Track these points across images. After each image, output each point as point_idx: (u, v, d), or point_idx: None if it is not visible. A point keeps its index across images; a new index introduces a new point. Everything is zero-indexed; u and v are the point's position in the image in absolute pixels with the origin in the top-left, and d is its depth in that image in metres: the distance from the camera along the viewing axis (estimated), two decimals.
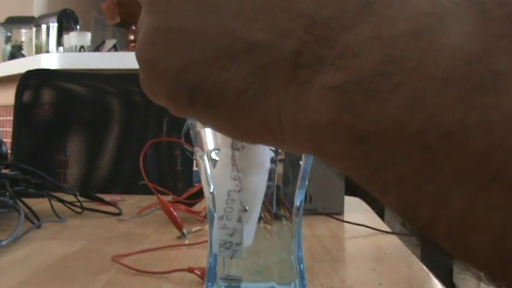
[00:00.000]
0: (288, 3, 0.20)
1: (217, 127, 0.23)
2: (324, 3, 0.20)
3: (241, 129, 0.22)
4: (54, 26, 2.73)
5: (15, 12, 2.98)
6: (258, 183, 0.35)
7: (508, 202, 0.15)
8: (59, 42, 2.70)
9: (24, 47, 2.92)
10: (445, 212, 0.17)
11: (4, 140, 0.95)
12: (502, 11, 0.18)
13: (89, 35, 2.57)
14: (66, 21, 2.72)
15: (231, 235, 0.35)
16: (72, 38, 2.53)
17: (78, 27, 2.76)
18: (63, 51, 2.59)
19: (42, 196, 0.81)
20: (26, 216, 0.68)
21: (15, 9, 3.01)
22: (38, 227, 0.69)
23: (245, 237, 0.35)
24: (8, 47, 2.96)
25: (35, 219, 0.70)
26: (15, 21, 2.93)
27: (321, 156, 0.21)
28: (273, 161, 0.35)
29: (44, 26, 2.77)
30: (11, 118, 1.37)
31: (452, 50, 0.17)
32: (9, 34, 2.97)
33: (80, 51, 2.47)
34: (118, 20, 2.07)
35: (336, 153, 0.20)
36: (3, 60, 2.85)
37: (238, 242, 0.35)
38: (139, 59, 0.23)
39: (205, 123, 0.23)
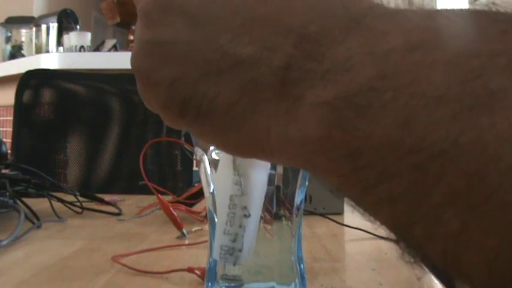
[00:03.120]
0: (276, 17, 0.20)
1: (207, 140, 0.23)
2: (313, 18, 0.20)
3: (230, 143, 0.22)
4: (54, 26, 2.73)
5: (15, 12, 2.98)
6: (260, 186, 0.35)
7: (503, 223, 0.15)
8: (59, 42, 2.70)
9: (24, 47, 2.92)
10: (438, 231, 0.16)
11: (4, 140, 0.95)
12: (498, 27, 0.17)
13: (89, 35, 2.57)
14: (66, 21, 2.72)
15: (234, 241, 0.35)
16: (72, 38, 2.53)
17: (78, 27, 2.76)
18: (63, 51, 2.59)
19: (42, 196, 0.81)
20: (26, 216, 0.68)
21: (15, 9, 3.01)
22: (38, 227, 0.69)
23: (246, 242, 0.35)
24: (8, 47, 2.96)
25: (35, 219, 0.70)
26: (15, 21, 2.93)
27: (311, 171, 0.21)
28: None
29: (44, 26, 2.77)
30: (11, 118, 1.37)
31: (446, 66, 0.17)
32: (9, 34, 2.97)
33: (80, 51, 2.47)
34: (118, 20, 2.07)
35: (326, 169, 0.19)
36: (3, 60, 2.85)
37: (240, 248, 0.35)
38: (134, 69, 0.23)
39: (196, 136, 0.23)
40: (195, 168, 1.32)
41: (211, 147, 0.36)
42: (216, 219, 0.37)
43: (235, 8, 0.20)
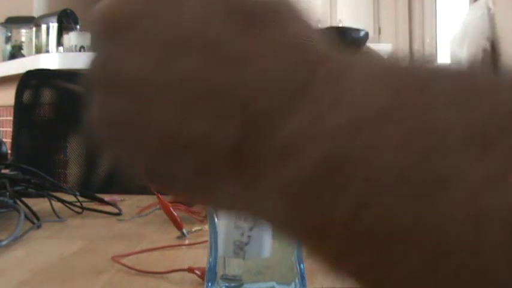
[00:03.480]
0: (225, 92, 0.18)
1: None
2: (261, 90, 0.18)
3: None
4: (54, 26, 2.73)
5: (15, 12, 2.98)
6: None
7: None
8: (59, 42, 2.70)
9: (24, 47, 2.91)
10: None
11: (4, 140, 0.95)
12: (454, 94, 0.17)
13: (89, 35, 2.57)
14: (66, 21, 2.72)
15: (242, 234, 0.35)
16: (72, 38, 2.53)
17: (78, 27, 2.76)
18: (63, 51, 2.59)
19: (42, 196, 0.81)
20: (26, 216, 0.68)
21: (15, 9, 3.01)
22: (38, 227, 0.69)
23: (260, 235, 0.36)
24: (8, 47, 2.96)
25: (35, 219, 0.70)
26: (15, 21, 2.93)
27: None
28: None
29: (44, 26, 2.77)
30: (11, 118, 1.37)
31: (396, 148, 0.16)
32: (9, 34, 2.97)
33: (80, 51, 2.47)
34: None
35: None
36: (3, 60, 2.85)
37: (247, 242, 0.35)
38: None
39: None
40: None
41: None
42: (216, 219, 0.37)
43: (182, 84, 0.19)
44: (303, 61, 0.19)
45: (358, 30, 0.42)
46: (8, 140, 1.27)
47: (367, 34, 0.42)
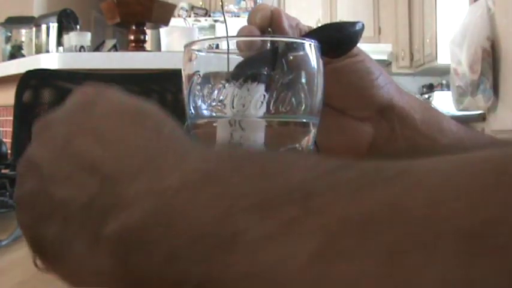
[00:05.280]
0: (92, 161, 0.23)
1: (59, 278, 0.25)
2: (117, 161, 0.23)
3: (66, 279, 0.24)
4: (54, 26, 2.73)
5: (15, 12, 2.98)
6: None
7: None
8: (59, 42, 2.70)
9: (24, 47, 2.92)
10: None
11: (4, 140, 0.95)
12: (254, 169, 0.21)
13: (88, 35, 2.57)
14: (66, 21, 2.72)
15: None
16: (72, 38, 2.53)
17: (78, 27, 2.76)
18: (63, 51, 2.59)
19: None
20: None
21: (15, 9, 3.01)
22: None
23: None
24: (8, 47, 2.96)
25: None
26: (15, 21, 2.93)
27: None
28: None
29: (44, 26, 2.77)
30: (11, 118, 1.37)
31: (203, 206, 0.20)
32: (9, 34, 2.97)
33: (80, 51, 2.47)
34: (118, 20, 2.07)
35: None
36: (3, 60, 2.85)
37: None
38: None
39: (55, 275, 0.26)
40: None
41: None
42: None
43: (67, 159, 0.24)
44: (159, 140, 0.24)
45: (353, 24, 0.42)
46: (8, 140, 1.27)
47: (363, 26, 0.42)
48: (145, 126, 0.25)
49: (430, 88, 4.94)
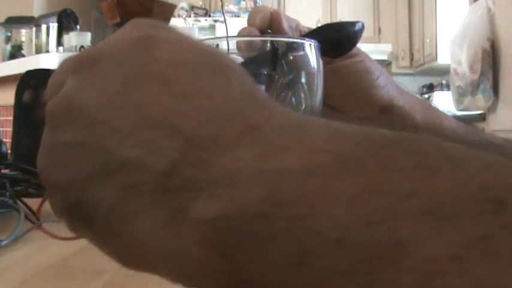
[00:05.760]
0: (168, 119, 0.18)
1: (99, 248, 0.21)
2: (205, 121, 0.18)
3: (114, 254, 0.20)
4: (54, 26, 2.73)
5: (15, 12, 2.98)
6: None
7: None
8: (59, 42, 2.70)
9: (24, 47, 2.92)
10: None
11: (4, 140, 0.95)
12: (412, 160, 0.15)
13: (88, 35, 2.57)
14: (66, 21, 2.72)
15: None
16: (72, 38, 2.53)
17: (78, 27, 2.76)
18: (63, 51, 2.59)
19: (42, 196, 0.81)
20: (26, 216, 0.68)
21: (15, 9, 3.01)
22: (38, 227, 0.69)
23: None
24: (8, 47, 2.96)
25: (35, 219, 0.70)
26: (15, 21, 2.93)
27: None
28: None
29: (44, 26, 2.77)
30: (11, 118, 1.37)
31: (349, 202, 0.15)
32: (9, 34, 2.97)
33: (80, 51, 2.47)
34: (118, 20, 2.07)
35: None
36: (3, 60, 2.85)
37: None
38: (38, 172, 0.23)
39: (92, 243, 0.21)
40: None
41: None
42: None
43: (130, 110, 0.19)
44: (257, 106, 0.19)
45: (353, 24, 0.42)
46: (8, 140, 1.27)
47: (362, 26, 0.42)
48: (231, 83, 0.19)
49: (430, 88, 4.94)
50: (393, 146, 0.16)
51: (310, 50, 0.39)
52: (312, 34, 0.45)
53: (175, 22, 3.03)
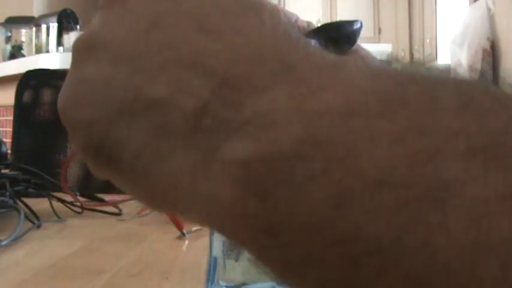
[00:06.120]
0: (199, 59, 0.17)
1: (124, 188, 0.20)
2: (238, 60, 0.17)
3: (141, 194, 0.19)
4: (54, 26, 2.73)
5: (15, 12, 2.98)
6: None
7: None
8: (59, 42, 2.70)
9: (24, 47, 2.92)
10: None
11: (4, 140, 0.95)
12: (460, 100, 0.15)
13: None
14: (66, 21, 2.72)
15: None
16: (72, 38, 2.53)
17: (78, 27, 2.76)
18: (63, 51, 2.59)
19: (42, 196, 0.81)
20: (26, 216, 0.68)
21: (15, 9, 3.01)
22: (38, 227, 0.69)
23: None
24: (8, 47, 2.96)
25: (35, 219, 0.70)
26: (15, 21, 2.94)
27: (225, 235, 0.18)
28: None
29: (44, 26, 2.77)
30: (11, 118, 1.37)
31: (392, 143, 0.14)
32: (9, 34, 2.97)
33: None
34: None
35: (242, 239, 0.17)
36: (3, 60, 2.85)
37: None
38: (58, 110, 0.22)
39: (114, 183, 0.20)
40: None
41: None
42: None
43: (159, 47, 0.18)
44: (292, 45, 0.18)
45: (351, 23, 0.42)
46: (8, 140, 1.27)
47: (361, 24, 0.42)
48: (264, 21, 0.18)
49: None
50: (439, 86, 0.15)
51: None
52: (311, 33, 0.45)
53: None
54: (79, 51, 0.21)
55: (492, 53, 3.37)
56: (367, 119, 0.14)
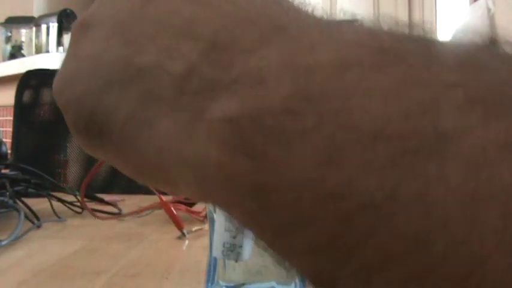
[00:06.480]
0: (187, 25, 0.17)
1: (114, 163, 0.20)
2: (226, 25, 0.17)
3: (129, 166, 0.19)
4: (54, 26, 2.73)
5: (15, 12, 2.98)
6: None
7: None
8: (59, 42, 2.70)
9: (24, 47, 2.92)
10: None
11: (4, 140, 0.95)
12: (458, 57, 0.14)
13: None
14: (66, 21, 2.72)
15: (234, 237, 0.35)
16: None
17: None
18: (63, 51, 2.59)
19: (42, 196, 0.81)
20: (26, 216, 0.68)
21: (15, 9, 3.01)
22: (38, 227, 0.69)
23: (247, 238, 0.35)
24: (8, 47, 2.96)
25: (35, 219, 0.70)
26: (15, 21, 2.93)
27: (213, 203, 0.17)
28: None
29: (44, 26, 2.77)
30: (11, 118, 1.37)
31: (386, 95, 0.13)
32: (9, 34, 2.97)
33: None
34: None
35: (227, 202, 0.16)
36: (3, 60, 2.85)
37: (241, 244, 0.35)
38: (53, 92, 0.21)
39: (106, 159, 0.20)
40: None
41: None
42: (215, 218, 0.37)
43: (151, 21, 0.18)
44: (283, 10, 0.17)
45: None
46: (8, 140, 1.27)
47: None
48: None
49: None
50: (437, 44, 0.15)
51: None
52: None
53: None
54: (75, 32, 0.21)
55: None
56: (361, 72, 0.14)
